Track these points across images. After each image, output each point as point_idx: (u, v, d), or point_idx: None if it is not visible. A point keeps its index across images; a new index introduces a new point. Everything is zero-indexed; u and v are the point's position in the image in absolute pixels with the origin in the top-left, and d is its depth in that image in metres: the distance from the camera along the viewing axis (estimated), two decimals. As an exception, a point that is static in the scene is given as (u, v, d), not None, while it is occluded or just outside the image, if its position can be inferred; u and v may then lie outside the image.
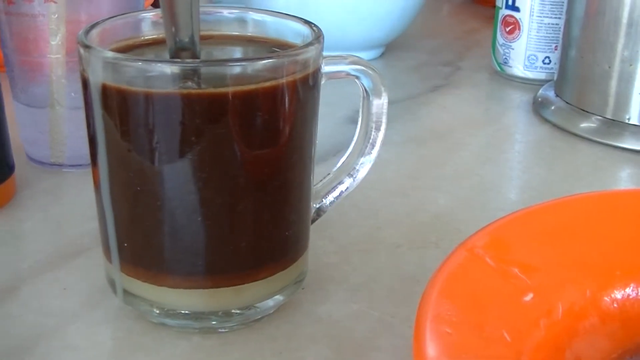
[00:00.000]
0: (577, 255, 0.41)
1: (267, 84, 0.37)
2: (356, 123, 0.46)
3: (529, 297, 0.38)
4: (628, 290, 0.40)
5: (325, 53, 0.41)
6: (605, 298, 0.40)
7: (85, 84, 0.39)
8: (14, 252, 0.50)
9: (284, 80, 0.38)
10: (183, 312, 0.41)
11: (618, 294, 0.40)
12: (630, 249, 0.41)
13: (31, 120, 0.59)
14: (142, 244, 0.40)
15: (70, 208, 0.55)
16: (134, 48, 0.43)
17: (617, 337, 0.39)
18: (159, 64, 0.36)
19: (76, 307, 0.44)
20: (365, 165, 0.45)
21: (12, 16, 0.56)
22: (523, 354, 0.35)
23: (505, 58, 0.84)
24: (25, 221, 0.53)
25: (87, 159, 0.57)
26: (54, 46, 0.56)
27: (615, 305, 0.40)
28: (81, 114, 0.57)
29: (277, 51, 0.42)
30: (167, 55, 0.39)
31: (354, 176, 0.45)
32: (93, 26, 0.41)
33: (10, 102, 0.58)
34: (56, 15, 0.55)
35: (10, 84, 0.59)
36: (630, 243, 0.42)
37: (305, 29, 0.42)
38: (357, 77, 0.43)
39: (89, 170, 0.54)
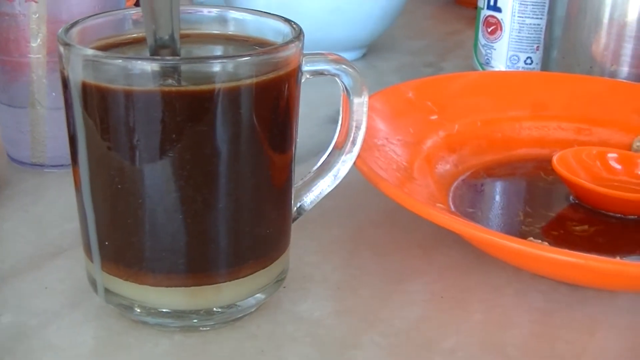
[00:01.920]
0: (476, 102, 0.64)
1: (248, 81, 0.37)
2: (337, 123, 0.46)
3: (434, 117, 0.62)
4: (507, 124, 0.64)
5: (306, 52, 0.41)
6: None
7: (65, 82, 0.38)
8: (-6, 251, 0.50)
9: (264, 78, 0.38)
10: (164, 310, 0.41)
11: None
12: (514, 102, 0.65)
13: (12, 120, 0.59)
14: (123, 243, 0.40)
15: (51, 208, 0.55)
16: (115, 47, 0.42)
17: (491, 151, 0.62)
18: (139, 62, 0.36)
19: (57, 306, 0.44)
20: (346, 164, 0.45)
21: (-8, 15, 0.56)
22: (423, 144, 0.58)
23: (487, 58, 0.84)
24: (5, 221, 0.53)
25: (68, 159, 0.58)
26: (34, 46, 0.56)
27: (499, 134, 0.63)
28: (62, 114, 0.57)
29: (256, 49, 0.42)
30: (147, 54, 0.39)
31: (335, 175, 0.45)
32: (73, 24, 0.41)
33: (-9, 102, 0.58)
34: (37, 15, 0.55)
35: (-9, 83, 0.59)
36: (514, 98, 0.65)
37: (285, 27, 0.42)
38: (338, 76, 0.43)
39: (70, 170, 0.54)
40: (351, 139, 0.45)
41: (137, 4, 0.91)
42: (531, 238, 0.48)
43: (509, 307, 0.45)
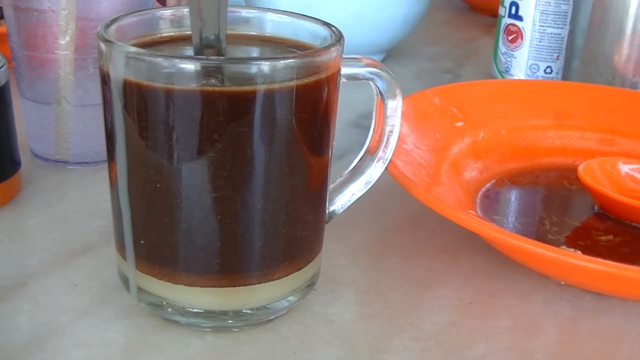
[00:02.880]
0: (500, 110, 0.65)
1: (290, 83, 0.37)
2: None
3: (460, 123, 0.62)
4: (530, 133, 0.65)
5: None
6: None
7: (104, 79, 0.38)
8: (20, 248, 0.49)
9: (305, 81, 0.38)
10: (197, 310, 0.41)
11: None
12: (537, 111, 0.66)
13: (36, 116, 0.59)
14: (158, 242, 0.40)
15: (75, 205, 0.55)
16: (151, 45, 0.42)
17: (515, 159, 0.62)
18: (183, 60, 0.36)
19: (86, 304, 0.44)
20: (378, 168, 0.45)
21: (20, 11, 0.56)
22: (449, 150, 0.59)
23: (507, 66, 0.84)
24: (31, 217, 0.53)
25: (92, 156, 0.58)
26: (63, 43, 0.56)
27: (523, 143, 0.64)
28: (88, 112, 0.57)
29: (297, 52, 0.42)
30: (185, 52, 0.39)
31: (368, 179, 0.45)
32: (112, 22, 0.41)
33: (16, 97, 0.58)
34: (66, 12, 0.55)
35: (17, 79, 0.59)
36: (537, 107, 0.66)
37: (323, 31, 0.42)
38: (372, 80, 0.43)
39: (94, 167, 0.54)
40: (384, 143, 0.45)
41: (161, 2, 0.91)
42: (564, 246, 0.48)
43: (536, 314, 0.45)
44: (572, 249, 0.48)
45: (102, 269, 0.47)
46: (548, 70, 0.82)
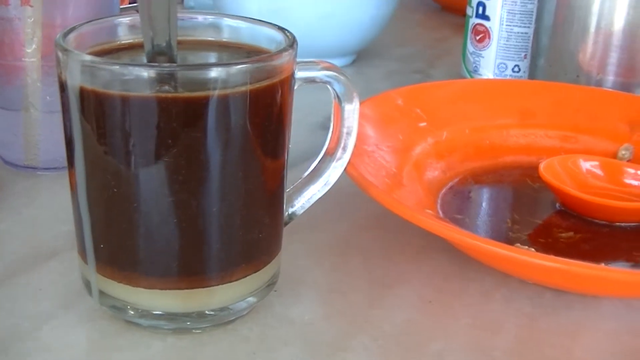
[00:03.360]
0: (465, 109, 0.65)
1: (243, 88, 0.38)
2: (325, 129, 0.46)
3: (423, 124, 0.63)
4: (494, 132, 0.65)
5: (298, 59, 0.42)
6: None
7: (62, 86, 0.39)
8: (-13, 253, 0.50)
9: (258, 85, 0.38)
10: (157, 312, 0.41)
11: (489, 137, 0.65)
12: (502, 110, 0.66)
13: (5, 122, 0.60)
14: (117, 245, 0.40)
15: (44, 210, 0.55)
16: (111, 52, 0.43)
17: (479, 158, 0.63)
18: (136, 68, 0.37)
19: (50, 308, 0.44)
20: (337, 170, 0.46)
21: (-14, 20, 0.56)
22: (412, 151, 0.59)
23: (476, 66, 0.85)
24: (-1, 223, 0.53)
25: (61, 162, 0.58)
26: (29, 50, 0.56)
27: (487, 142, 0.64)
28: (55, 118, 0.57)
29: (251, 57, 0.42)
30: (143, 60, 0.40)
31: (326, 181, 0.46)
32: (70, 30, 0.41)
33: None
34: (32, 19, 0.55)
35: (-16, 86, 0.59)
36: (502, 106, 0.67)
37: (278, 35, 0.43)
38: (329, 83, 0.44)
39: (63, 173, 0.54)
40: (342, 145, 0.46)
41: (131, 2, 0.91)
42: (518, 244, 0.49)
43: (496, 312, 0.46)
44: (527, 247, 0.49)
45: (67, 274, 0.47)
46: (516, 69, 0.83)
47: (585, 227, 0.54)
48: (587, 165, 0.59)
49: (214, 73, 0.37)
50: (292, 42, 0.41)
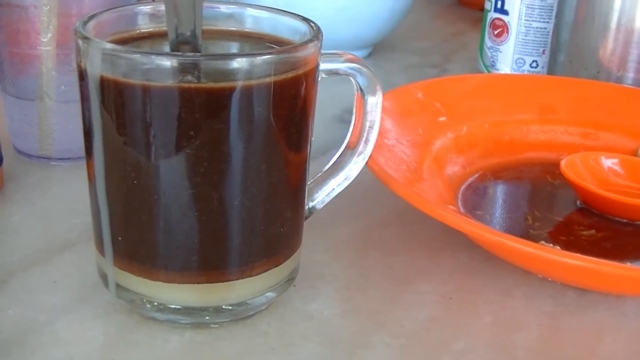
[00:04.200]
0: (484, 104, 0.64)
1: (268, 79, 0.37)
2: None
3: (443, 118, 0.62)
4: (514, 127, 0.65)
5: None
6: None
7: (82, 75, 0.38)
8: (1, 245, 0.49)
9: (283, 77, 0.38)
10: (175, 306, 0.40)
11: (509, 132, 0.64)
12: (521, 105, 0.65)
13: (19, 112, 0.59)
14: (136, 238, 0.40)
15: (58, 202, 0.55)
16: (130, 41, 0.42)
17: (498, 153, 0.62)
18: (159, 57, 0.36)
19: (66, 301, 0.44)
20: (358, 164, 0.45)
21: (1, 7, 0.56)
22: (432, 145, 0.59)
23: (493, 61, 0.84)
24: (13, 214, 0.53)
25: (76, 152, 0.58)
26: (45, 38, 0.55)
27: (507, 137, 0.64)
28: (71, 107, 0.57)
29: (274, 47, 0.42)
30: (164, 48, 0.39)
31: (347, 174, 0.45)
32: (90, 18, 0.40)
33: (-1, 93, 0.58)
34: (48, 7, 0.55)
35: (-1, 75, 0.59)
36: (522, 101, 0.66)
37: (302, 26, 0.42)
38: (352, 75, 0.43)
39: (77, 163, 0.54)
40: (364, 138, 0.45)
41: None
42: (542, 242, 0.48)
43: (517, 309, 0.45)
44: (552, 245, 0.48)
45: (82, 266, 0.46)
46: (534, 64, 0.82)
47: (607, 225, 0.53)
48: (609, 162, 0.59)
49: (238, 63, 0.36)
50: (317, 34, 0.40)
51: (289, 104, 0.39)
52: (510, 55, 0.83)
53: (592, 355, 0.42)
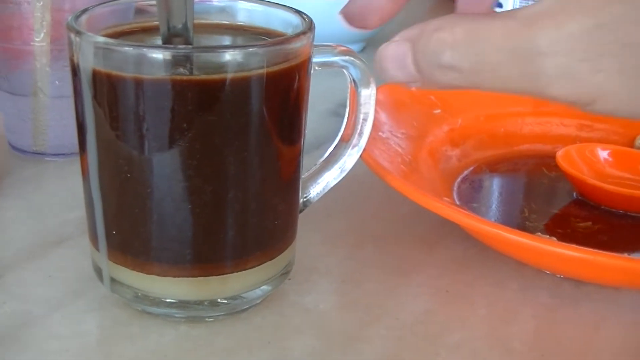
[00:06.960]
0: (479, 97, 0.60)
1: (260, 71, 0.37)
2: (338, 116, 0.46)
3: (437, 111, 0.62)
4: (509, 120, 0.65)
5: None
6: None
7: (74, 69, 0.38)
8: (-4, 239, 0.49)
9: (275, 68, 0.37)
10: (170, 300, 0.40)
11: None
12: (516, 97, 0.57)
13: (13, 108, 0.59)
14: (130, 232, 0.39)
15: (52, 197, 0.55)
16: (122, 35, 0.42)
17: (494, 146, 0.63)
18: (151, 50, 0.36)
19: (61, 295, 0.44)
20: (352, 156, 0.45)
21: (-5, 3, 0.56)
22: (426, 138, 0.59)
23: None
24: (8, 209, 0.53)
25: (70, 147, 0.58)
26: (38, 34, 0.55)
27: (502, 130, 0.64)
28: (64, 103, 0.57)
29: (267, 39, 0.42)
30: (156, 41, 0.39)
31: (342, 167, 0.45)
32: (82, 12, 0.40)
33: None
34: (41, 3, 0.55)
35: (-7, 71, 0.59)
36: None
37: (295, 19, 0.42)
38: (346, 67, 0.43)
39: (71, 159, 0.54)
40: (358, 131, 0.45)
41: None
42: (539, 233, 0.48)
43: (513, 302, 0.45)
44: (548, 237, 0.48)
45: (77, 260, 0.46)
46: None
47: (603, 217, 0.53)
48: (605, 154, 0.59)
49: (230, 55, 0.36)
50: (309, 26, 0.40)
51: (282, 96, 0.39)
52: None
53: (588, 347, 0.42)
